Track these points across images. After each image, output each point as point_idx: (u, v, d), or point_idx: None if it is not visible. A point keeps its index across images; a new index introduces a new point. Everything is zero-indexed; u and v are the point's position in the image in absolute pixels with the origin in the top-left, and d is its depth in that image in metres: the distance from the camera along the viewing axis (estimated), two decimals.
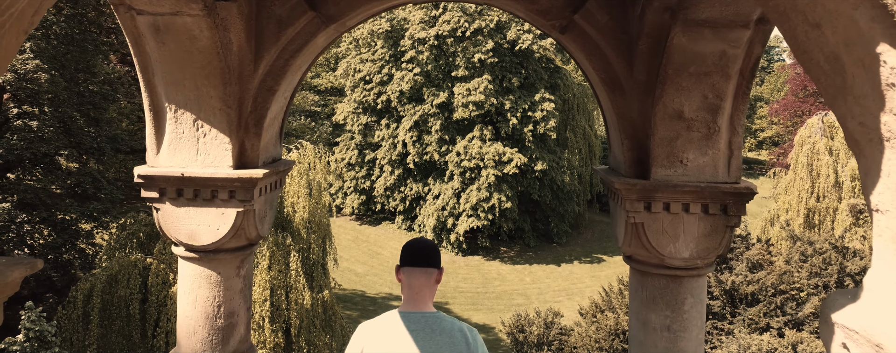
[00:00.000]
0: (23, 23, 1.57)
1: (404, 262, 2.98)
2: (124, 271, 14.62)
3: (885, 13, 1.16)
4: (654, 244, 3.64)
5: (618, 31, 3.70)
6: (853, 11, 1.22)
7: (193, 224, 3.74)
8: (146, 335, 14.86)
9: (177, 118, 3.67)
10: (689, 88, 3.47)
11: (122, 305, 14.56)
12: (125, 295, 14.53)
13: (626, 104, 3.76)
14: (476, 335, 3.01)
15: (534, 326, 24.40)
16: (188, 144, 3.69)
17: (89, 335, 14.31)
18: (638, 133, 3.74)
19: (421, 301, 2.97)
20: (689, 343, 3.77)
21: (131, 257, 14.88)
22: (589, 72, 3.98)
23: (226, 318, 3.90)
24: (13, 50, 1.61)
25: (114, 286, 14.55)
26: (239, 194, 3.71)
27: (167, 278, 14.78)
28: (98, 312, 14.32)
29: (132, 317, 14.68)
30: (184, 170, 3.66)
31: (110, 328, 14.59)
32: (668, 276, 3.77)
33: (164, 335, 14.53)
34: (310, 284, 16.64)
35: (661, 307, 3.78)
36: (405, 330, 2.90)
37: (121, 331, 14.65)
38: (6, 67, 1.62)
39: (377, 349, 2.89)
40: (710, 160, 3.60)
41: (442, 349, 2.87)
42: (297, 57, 3.82)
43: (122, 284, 14.53)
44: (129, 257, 14.84)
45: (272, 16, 3.71)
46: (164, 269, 14.83)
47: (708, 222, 3.65)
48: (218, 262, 3.86)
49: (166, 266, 14.89)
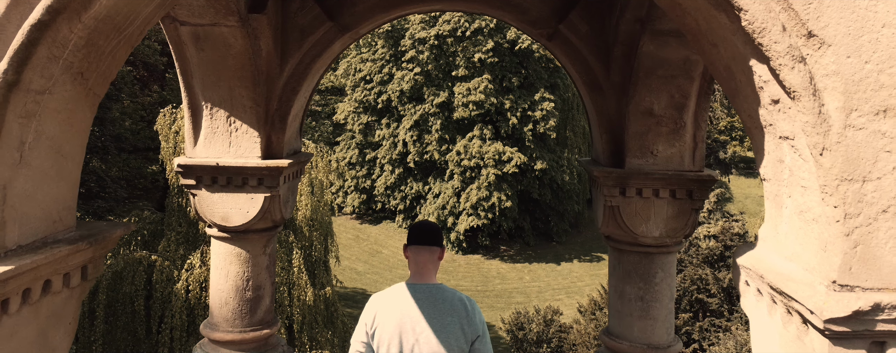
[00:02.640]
0: (132, 40, 2.10)
1: (411, 241, 3.38)
2: (129, 268, 14.77)
3: (751, 39, 1.69)
4: (629, 225, 4.19)
5: (597, 39, 4.24)
6: (733, 37, 1.75)
7: (226, 208, 4.27)
8: (151, 330, 15.07)
9: (212, 115, 4.20)
10: (658, 88, 4.01)
11: (126, 301, 14.72)
12: (130, 292, 14.69)
13: (605, 103, 4.30)
14: (474, 304, 3.44)
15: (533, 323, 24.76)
16: (222, 137, 4.22)
17: (95, 330, 14.51)
18: (614, 128, 4.28)
19: (426, 274, 3.36)
20: (660, 311, 4.32)
21: (136, 254, 15.05)
22: (573, 74, 4.52)
23: (254, 291, 4.44)
24: (123, 60, 2.15)
25: (119, 283, 14.71)
26: (266, 182, 4.25)
27: (171, 274, 14.97)
28: (103, 308, 14.49)
29: (137, 313, 14.82)
30: (218, 160, 4.19)
31: (115, 325, 14.80)
32: (641, 253, 4.31)
33: (169, 330, 14.74)
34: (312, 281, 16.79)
35: (635, 279, 4.33)
36: (412, 299, 3.28)
37: (126, 327, 14.85)
38: (116, 72, 2.16)
39: (388, 314, 3.30)
40: (677, 152, 4.14)
41: (444, 315, 3.25)
42: (317, 61, 4.36)
43: (127, 281, 14.68)
44: (133, 255, 15.00)
45: (296, 26, 4.25)
46: (168, 266, 15.04)
47: (675, 205, 4.19)
48: (247, 241, 4.40)
49: (170, 263, 15.11)
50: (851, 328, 1.61)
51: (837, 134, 1.63)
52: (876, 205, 1.64)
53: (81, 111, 2.07)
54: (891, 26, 1.64)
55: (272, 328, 4.53)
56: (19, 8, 1.75)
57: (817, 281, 1.70)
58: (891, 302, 1.61)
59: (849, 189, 1.64)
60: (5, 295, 1.85)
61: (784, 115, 1.73)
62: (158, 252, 15.46)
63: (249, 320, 4.46)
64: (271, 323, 4.54)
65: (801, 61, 1.64)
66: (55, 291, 2.07)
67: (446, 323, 3.23)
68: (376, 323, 3.28)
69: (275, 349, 4.61)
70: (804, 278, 1.74)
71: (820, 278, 1.70)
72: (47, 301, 2.05)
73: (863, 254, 1.65)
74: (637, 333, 4.36)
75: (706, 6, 1.75)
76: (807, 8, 1.62)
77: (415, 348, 3.21)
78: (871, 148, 1.63)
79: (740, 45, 1.75)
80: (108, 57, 2.04)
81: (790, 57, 1.65)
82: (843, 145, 1.63)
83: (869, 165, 1.63)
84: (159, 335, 14.95)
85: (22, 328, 1.97)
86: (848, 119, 1.63)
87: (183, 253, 15.50)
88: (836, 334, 1.62)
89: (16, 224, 1.93)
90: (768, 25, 1.64)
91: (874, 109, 1.64)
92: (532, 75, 37.92)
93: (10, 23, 1.76)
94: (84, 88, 2.03)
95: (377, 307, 3.33)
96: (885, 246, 1.65)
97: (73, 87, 1.99)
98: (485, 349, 3.31)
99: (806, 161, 1.71)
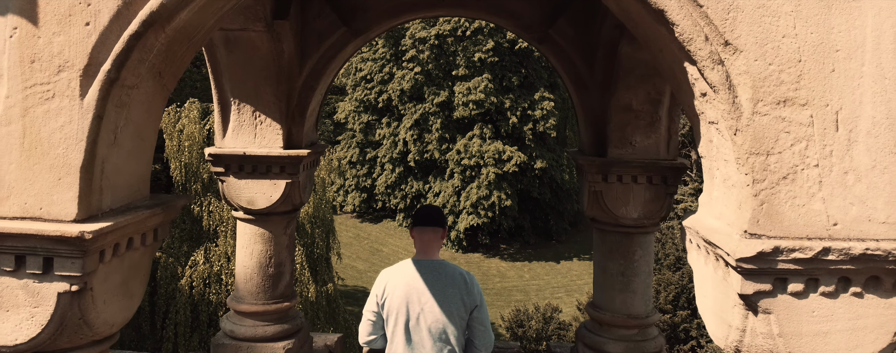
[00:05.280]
0: (196, 46, 2.62)
1: (416, 222, 3.77)
2: None
3: (683, 46, 2.20)
4: (610, 207, 4.71)
5: (582, 42, 4.77)
6: (671, 44, 2.27)
7: (252, 193, 4.80)
8: (155, 326, 15.43)
9: (239, 110, 4.72)
10: (636, 86, 4.53)
11: None
12: None
13: (590, 99, 4.83)
14: (473, 278, 3.88)
15: (533, 321, 25.09)
16: (248, 129, 4.74)
17: None
18: (598, 121, 4.80)
19: (430, 251, 3.75)
20: (639, 285, 4.86)
21: None
22: (562, 73, 5.04)
23: (276, 267, 4.96)
24: (188, 61, 2.67)
25: None
26: (288, 169, 4.77)
27: (175, 271, 15.27)
28: None
29: (142, 310, 15.00)
30: (245, 150, 4.72)
31: None
32: (621, 233, 4.84)
33: (173, 326, 15.10)
34: (314, 277, 17.01)
35: (616, 257, 4.87)
36: (417, 273, 3.67)
37: (130, 323, 14.84)
38: (183, 71, 2.67)
39: (397, 286, 3.66)
40: (654, 142, 4.66)
41: (446, 287, 3.64)
42: (332, 62, 4.88)
43: None
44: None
45: (314, 30, 4.77)
46: (172, 263, 15.37)
47: (652, 190, 4.71)
48: (270, 222, 4.93)
49: (174, 260, 15.45)
50: (758, 265, 2.12)
51: (747, 119, 2.15)
52: (777, 173, 2.16)
53: (157, 103, 2.59)
54: (789, 37, 2.15)
55: (292, 301, 5.05)
56: (119, 21, 2.27)
57: (734, 232, 2.21)
58: (788, 246, 2.12)
59: (756, 161, 2.15)
60: (102, 247, 2.37)
61: (710, 105, 2.25)
62: (162, 249, 15.69)
63: (272, 293, 4.98)
64: (291, 297, 5.06)
65: (720, 63, 2.16)
66: (135, 247, 2.59)
67: (448, 294, 3.62)
68: (386, 294, 3.67)
69: (294, 320, 5.14)
70: (725, 230, 2.26)
71: (736, 230, 2.21)
72: (129, 255, 2.57)
73: (767, 210, 2.16)
74: (618, 305, 4.90)
75: (651, 21, 2.26)
76: (723, 23, 2.14)
77: (420, 316, 3.60)
78: (773, 129, 2.15)
79: (676, 51, 2.26)
80: (180, 59, 2.56)
81: (711, 60, 2.16)
82: (752, 128, 2.15)
83: (771, 143, 2.15)
84: (164, 331, 15.31)
85: (112, 275, 2.48)
86: (755, 108, 2.15)
87: (187, 250, 15.85)
88: (747, 270, 2.13)
89: (109, 192, 2.45)
90: (694, 36, 2.15)
91: (776, 100, 2.15)
92: (532, 75, 37.97)
93: (112, 33, 2.28)
94: (160, 84, 2.55)
95: (386, 279, 3.74)
96: (785, 204, 2.16)
97: (154, 83, 2.51)
98: (482, 317, 3.71)
99: (726, 140, 2.23)
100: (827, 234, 2.16)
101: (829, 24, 2.15)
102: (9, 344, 2.36)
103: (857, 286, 2.16)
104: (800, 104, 2.15)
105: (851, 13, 2.15)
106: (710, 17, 2.13)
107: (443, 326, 3.60)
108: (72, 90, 2.27)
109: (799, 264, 2.12)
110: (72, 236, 2.22)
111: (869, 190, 2.16)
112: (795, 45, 2.15)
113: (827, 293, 2.16)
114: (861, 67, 2.15)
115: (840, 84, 2.15)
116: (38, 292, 2.31)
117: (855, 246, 2.11)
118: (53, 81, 2.28)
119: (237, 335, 4.94)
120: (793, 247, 2.11)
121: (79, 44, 2.26)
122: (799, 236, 2.15)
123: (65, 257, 2.28)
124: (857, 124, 2.16)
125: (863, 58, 2.15)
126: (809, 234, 2.15)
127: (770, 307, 2.16)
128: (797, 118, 2.14)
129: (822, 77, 2.15)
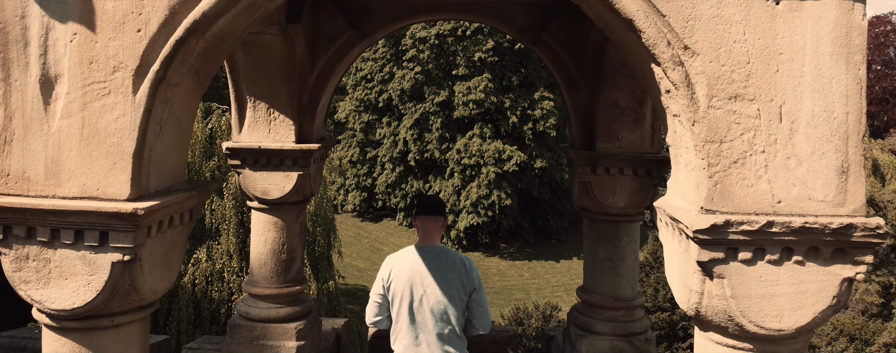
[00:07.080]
0: (228, 49, 2.99)
1: (420, 212, 4.04)
2: None
3: (649, 50, 2.57)
4: (599, 197, 5.09)
5: (573, 44, 5.15)
6: (640, 48, 2.64)
7: (266, 184, 5.17)
8: (158, 323, 15.39)
9: (255, 107, 5.09)
10: (622, 85, 4.91)
11: None
12: None
13: (580, 96, 5.20)
14: (472, 263, 4.17)
15: (532, 319, 25.39)
16: (263, 125, 5.12)
17: None
18: (588, 117, 5.18)
19: (432, 238, 4.02)
20: (626, 270, 5.24)
21: None
22: (554, 73, 5.42)
23: (288, 254, 5.34)
24: (221, 62, 3.04)
25: None
26: (299, 162, 5.15)
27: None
28: None
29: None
30: (260, 144, 5.09)
31: None
32: (609, 221, 5.22)
33: (176, 323, 15.18)
34: (316, 274, 17.18)
35: (604, 244, 5.25)
36: (420, 258, 3.95)
37: None
38: (216, 71, 3.05)
39: (401, 270, 3.93)
40: (639, 137, 5.04)
41: (447, 271, 3.91)
42: (340, 63, 5.26)
43: None
44: None
45: (324, 33, 5.14)
46: None
47: (637, 181, 5.09)
48: (282, 211, 5.31)
49: None
50: (712, 236, 2.49)
51: (704, 112, 2.52)
52: (729, 158, 2.53)
53: (195, 99, 2.97)
54: (740, 42, 2.52)
55: (303, 285, 5.43)
56: (166, 28, 2.65)
57: (692, 209, 2.59)
58: (737, 220, 2.49)
59: (711, 148, 2.52)
60: (149, 223, 2.75)
61: (673, 100, 2.62)
62: None
63: (284, 278, 5.36)
64: (301, 281, 5.44)
65: (681, 65, 2.53)
66: (175, 225, 2.96)
67: (448, 278, 3.89)
68: (391, 278, 3.95)
69: (304, 303, 5.52)
70: (686, 208, 2.63)
71: (694, 207, 2.58)
72: (170, 232, 2.95)
73: (721, 190, 2.53)
74: (607, 288, 5.28)
75: (622, 28, 2.64)
76: (683, 30, 2.51)
77: (423, 297, 3.88)
78: (726, 121, 2.52)
79: (644, 54, 2.63)
80: (214, 60, 2.94)
81: (673, 62, 2.53)
82: (707, 119, 2.52)
83: (724, 132, 2.52)
84: (166, 328, 15.33)
85: (156, 248, 2.86)
86: (710, 102, 2.52)
87: (189, 248, 15.92)
88: (703, 241, 2.50)
89: (155, 176, 2.82)
90: (658, 41, 2.53)
91: (728, 96, 2.52)
92: (532, 74, 38.06)
93: (160, 38, 2.65)
94: (197, 82, 2.93)
95: (392, 264, 4.02)
96: (736, 185, 2.53)
97: (192, 81, 2.88)
98: (480, 299, 4.03)
99: (686, 130, 2.60)
100: (772, 210, 2.53)
101: (774, 31, 2.52)
102: (67, 308, 2.74)
103: (799, 255, 2.53)
104: (748, 99, 2.52)
105: (794, 21, 2.52)
106: (671, 24, 2.50)
107: (444, 307, 3.88)
108: (125, 88, 2.64)
109: (747, 234, 2.49)
110: (126, 213, 2.59)
111: (809, 173, 2.53)
112: (745, 49, 2.52)
113: (772, 261, 2.53)
114: (802, 67, 2.52)
115: (783, 82, 2.52)
116: (95, 261, 2.69)
117: (795, 220, 2.48)
118: (109, 80, 2.65)
119: (252, 316, 5.32)
120: (741, 220, 2.47)
121: (131, 48, 2.64)
122: (748, 211, 2.52)
123: (119, 231, 2.65)
124: (799, 116, 2.52)
125: (803, 60, 2.52)
126: (757, 210, 2.52)
127: (723, 272, 2.53)
128: (746, 111, 2.51)
129: (767, 76, 2.52)
